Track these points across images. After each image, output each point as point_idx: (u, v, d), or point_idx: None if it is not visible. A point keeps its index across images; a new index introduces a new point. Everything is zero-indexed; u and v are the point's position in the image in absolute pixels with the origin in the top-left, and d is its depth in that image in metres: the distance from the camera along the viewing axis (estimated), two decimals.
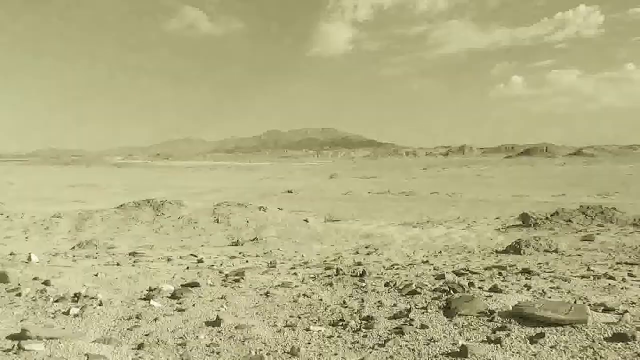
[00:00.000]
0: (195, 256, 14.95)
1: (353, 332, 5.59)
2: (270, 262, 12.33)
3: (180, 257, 14.68)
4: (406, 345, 4.95)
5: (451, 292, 7.03)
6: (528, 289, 7.39)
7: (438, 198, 44.31)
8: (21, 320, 6.17)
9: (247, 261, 13.96)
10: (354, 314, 6.27)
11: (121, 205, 28.25)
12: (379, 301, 6.90)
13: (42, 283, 7.92)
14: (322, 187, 59.55)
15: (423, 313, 6.09)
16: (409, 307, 6.35)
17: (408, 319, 5.81)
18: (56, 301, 7.01)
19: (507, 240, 17.90)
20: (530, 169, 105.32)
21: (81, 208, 31.00)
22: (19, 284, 7.81)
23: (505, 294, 6.84)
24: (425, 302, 6.67)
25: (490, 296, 6.68)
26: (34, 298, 7.18)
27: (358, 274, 9.14)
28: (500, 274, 9.15)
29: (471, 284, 7.68)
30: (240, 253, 16.83)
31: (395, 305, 6.66)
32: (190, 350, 5.05)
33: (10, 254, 12.53)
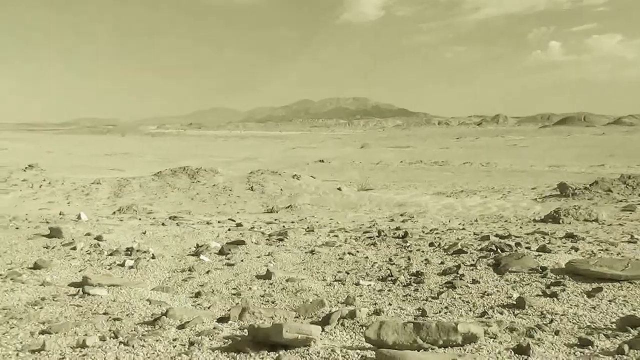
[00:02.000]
0: (233, 221, 15.16)
1: (403, 286, 5.63)
2: (308, 227, 12.43)
3: (219, 222, 14.92)
4: (460, 298, 4.97)
5: (498, 251, 7.00)
6: (576, 250, 7.29)
7: (471, 168, 43.69)
8: (79, 271, 6.41)
9: (283, 226, 14.11)
10: (402, 270, 6.31)
11: (158, 173, 28.72)
12: (425, 259, 6.92)
13: (94, 238, 8.18)
14: (353, 156, 59.32)
15: (472, 270, 6.09)
16: (457, 264, 6.35)
17: (458, 275, 5.81)
18: (110, 254, 7.25)
19: (545, 210, 17.58)
20: (567, 139, 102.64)
21: (118, 175, 31.69)
22: (72, 239, 8.09)
23: (554, 254, 6.77)
24: (473, 260, 6.66)
25: (540, 255, 6.63)
26: (88, 252, 7.43)
27: (400, 236, 9.16)
28: (543, 238, 9.04)
29: (518, 245, 7.62)
30: (275, 219, 16.98)
31: (442, 262, 6.68)
32: (246, 299, 5.16)
33: (60, 214, 12.95)
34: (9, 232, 8.68)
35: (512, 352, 3.14)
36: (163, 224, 11.19)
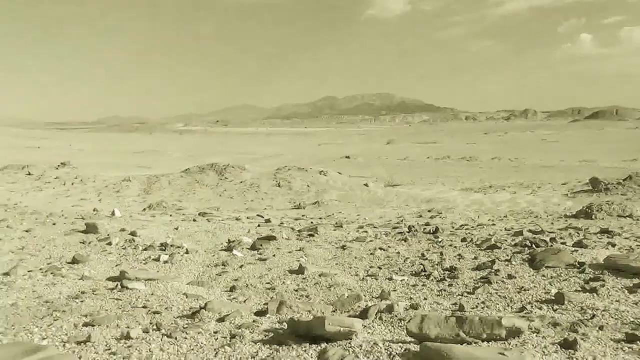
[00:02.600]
0: (261, 217, 15.25)
1: (437, 281, 5.59)
2: (336, 223, 12.43)
3: (248, 218, 15.03)
4: (496, 293, 4.91)
5: (533, 246, 6.90)
6: (613, 246, 7.15)
7: (500, 163, 43.09)
8: (116, 265, 6.54)
9: (311, 222, 14.15)
10: (436, 266, 6.27)
11: (186, 170, 29.07)
12: (458, 254, 6.86)
13: (129, 234, 8.33)
14: (379, 152, 59.12)
15: (507, 265, 6.02)
16: (492, 259, 6.28)
17: (493, 270, 5.75)
18: (145, 249, 7.38)
19: (576, 206, 17.22)
20: (599, 133, 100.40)
21: (147, 173, 32.18)
22: (108, 234, 8.25)
23: (591, 249, 6.64)
24: (507, 255, 6.58)
25: (576, 250, 6.51)
26: (123, 247, 7.58)
27: (431, 231, 9.10)
28: (577, 233, 8.87)
29: (553, 240, 7.50)
30: (302, 216, 17.03)
31: (476, 258, 6.61)
32: (281, 294, 5.20)
33: (94, 210, 13.22)
34: (46, 228, 8.90)
35: (559, 347, 3.09)
36: (194, 220, 11.33)
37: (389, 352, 2.92)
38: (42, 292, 5.13)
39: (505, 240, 7.60)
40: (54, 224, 9.25)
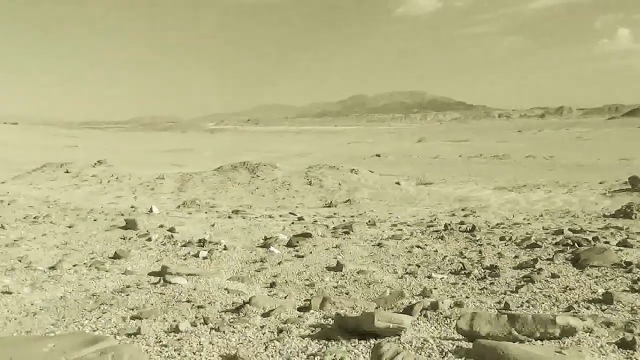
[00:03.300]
0: (294, 214, 15.29)
1: (478, 279, 5.52)
2: (369, 221, 12.38)
3: (280, 216, 15.10)
4: (540, 292, 4.81)
5: (575, 245, 6.74)
6: None
7: (534, 162, 42.22)
8: (156, 261, 6.66)
9: (344, 220, 14.12)
10: (475, 264, 6.18)
11: (218, 168, 29.35)
12: (498, 253, 6.76)
13: (167, 230, 8.48)
14: (410, 150, 58.60)
15: (550, 264, 5.90)
16: (533, 258, 6.16)
17: (535, 269, 5.64)
18: (184, 245, 7.50)
19: (615, 205, 16.74)
20: (637, 131, 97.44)
21: (180, 171, 32.63)
22: (147, 231, 8.41)
23: (637, 249, 6.45)
24: (549, 254, 6.45)
25: (621, 250, 6.34)
26: (163, 243, 7.71)
27: (467, 230, 8.98)
28: (619, 233, 8.63)
29: (595, 239, 7.31)
30: (334, 214, 17.01)
31: (516, 257, 6.50)
32: (322, 290, 5.20)
33: (132, 207, 13.48)
34: (88, 224, 9.12)
35: (616, 347, 3.01)
36: (229, 217, 11.44)
37: (440, 349, 2.89)
38: (88, 285, 5.26)
39: (546, 239, 7.45)
40: (95, 220, 9.48)
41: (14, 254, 6.82)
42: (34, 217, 9.86)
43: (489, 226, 10.86)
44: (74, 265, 6.21)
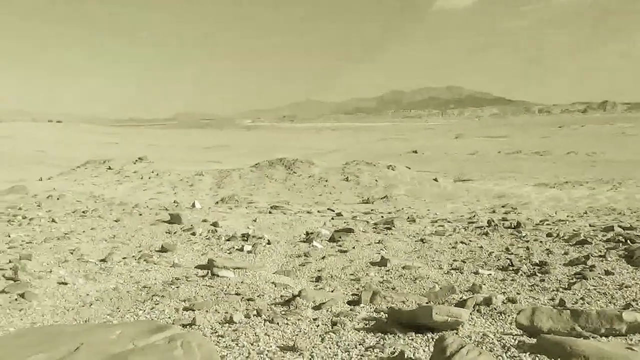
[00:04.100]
0: (332, 210, 15.30)
1: (527, 276, 5.40)
2: (409, 218, 12.28)
3: (319, 212, 15.13)
4: (595, 289, 4.67)
5: (628, 242, 6.52)
6: None
7: (576, 158, 41.12)
8: (202, 254, 6.77)
9: (382, 217, 14.05)
10: (523, 260, 6.05)
11: (256, 164, 29.61)
12: (546, 249, 6.60)
13: (211, 225, 8.61)
14: (447, 147, 57.89)
15: (602, 261, 5.72)
16: (584, 255, 5.99)
17: (587, 266, 5.48)
18: (228, 240, 7.59)
19: None
20: None
21: (217, 167, 33.07)
22: (191, 225, 8.56)
23: None
24: (600, 251, 6.25)
25: None
26: (207, 237, 7.83)
27: (512, 226, 8.81)
28: None
29: None
30: (372, 210, 16.95)
31: (566, 253, 6.33)
32: (370, 285, 5.19)
33: (174, 202, 13.74)
34: (133, 218, 9.34)
35: None
36: (270, 212, 11.53)
37: (502, 344, 2.83)
38: (139, 277, 5.39)
39: (596, 236, 7.23)
40: (140, 215, 9.69)
41: (65, 246, 7.03)
42: (82, 212, 10.15)
43: (533, 223, 10.64)
44: (123, 258, 6.37)
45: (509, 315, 3.62)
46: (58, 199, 11.99)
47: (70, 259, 6.28)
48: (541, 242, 7.20)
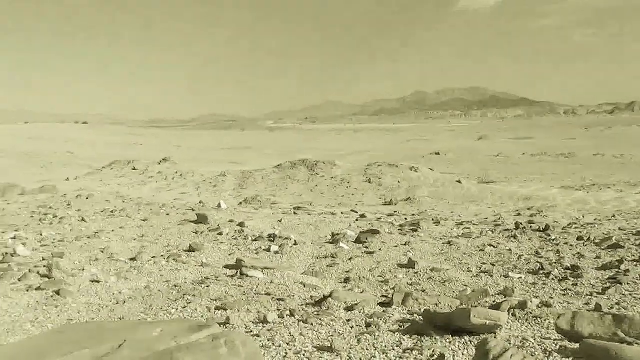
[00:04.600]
0: (355, 212, 15.27)
1: (559, 280, 5.31)
2: (433, 220, 12.19)
3: (342, 213, 15.11)
4: (630, 295, 4.57)
5: None
6: None
7: (603, 160, 40.39)
8: (229, 254, 6.82)
9: (405, 219, 13.97)
10: (554, 264, 5.96)
11: (278, 166, 29.71)
12: (577, 253, 6.49)
13: (237, 225, 8.66)
14: (470, 149, 57.38)
15: (637, 265, 5.60)
16: (617, 259, 5.87)
17: (621, 270, 5.37)
18: (254, 240, 7.63)
19: None
20: None
21: (240, 168, 33.30)
22: (218, 225, 8.63)
23: None
24: (634, 255, 6.12)
25: None
26: (234, 237, 7.88)
27: (541, 229, 8.68)
28: None
29: None
30: (395, 212, 16.86)
31: (598, 257, 6.21)
32: (400, 287, 5.16)
33: (200, 202, 13.87)
34: (161, 218, 9.45)
35: None
36: (295, 213, 11.55)
37: (543, 348, 2.80)
38: (169, 276, 5.45)
39: (628, 240, 7.09)
40: (167, 215, 9.81)
41: (96, 245, 7.16)
42: (111, 211, 10.31)
43: (561, 226, 10.47)
44: (152, 257, 6.45)
45: (545, 320, 3.56)
46: (87, 198, 12.20)
47: (101, 258, 6.39)
48: (572, 245, 7.08)
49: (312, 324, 3.50)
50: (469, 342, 2.99)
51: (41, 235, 7.75)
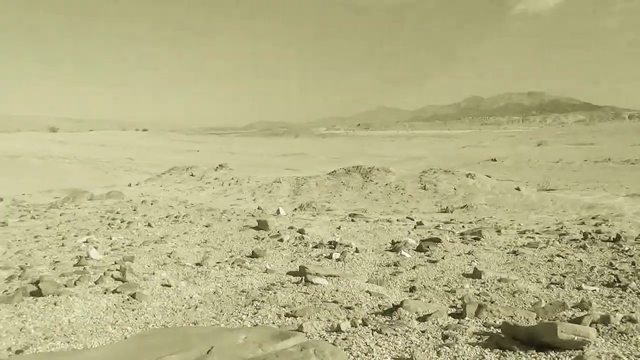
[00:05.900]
0: (411, 219, 15.08)
1: (638, 293, 5.05)
2: (494, 228, 11.88)
3: (398, 220, 14.96)
4: None
5: None
6: None
7: None
8: (291, 261, 6.87)
9: (463, 227, 13.68)
10: (630, 276, 5.67)
11: (332, 172, 29.78)
12: None
13: (297, 231, 8.72)
14: (529, 155, 55.64)
15: None
16: None
17: None
18: (315, 247, 7.66)
19: None
20: None
21: (294, 175, 33.59)
22: (278, 232, 8.72)
23: None
24: None
25: None
26: (294, 244, 7.95)
27: (611, 239, 8.30)
28: None
29: None
30: (451, 219, 16.54)
31: None
32: (469, 297, 5.05)
33: (259, 208, 14.07)
34: (222, 224, 9.65)
35: None
36: (352, 220, 11.53)
37: None
38: (235, 282, 5.55)
39: None
40: (228, 220, 10.00)
41: (163, 250, 7.39)
42: (175, 217, 10.62)
43: (632, 236, 9.99)
44: (217, 262, 6.59)
45: (631, 336, 3.40)
46: (152, 204, 12.61)
47: (169, 262, 6.58)
48: None
49: (386, 334, 3.47)
50: (556, 359, 2.88)
51: (111, 239, 8.07)
